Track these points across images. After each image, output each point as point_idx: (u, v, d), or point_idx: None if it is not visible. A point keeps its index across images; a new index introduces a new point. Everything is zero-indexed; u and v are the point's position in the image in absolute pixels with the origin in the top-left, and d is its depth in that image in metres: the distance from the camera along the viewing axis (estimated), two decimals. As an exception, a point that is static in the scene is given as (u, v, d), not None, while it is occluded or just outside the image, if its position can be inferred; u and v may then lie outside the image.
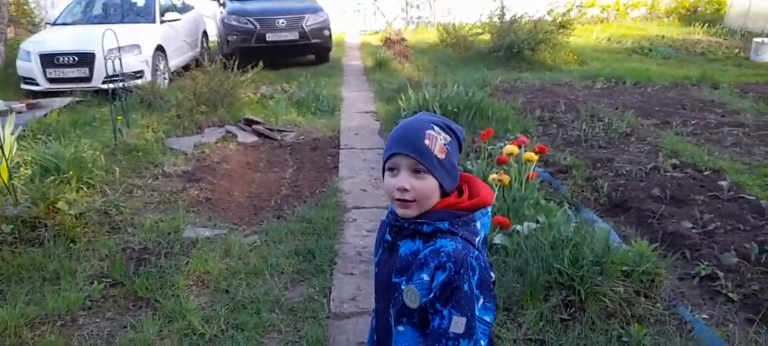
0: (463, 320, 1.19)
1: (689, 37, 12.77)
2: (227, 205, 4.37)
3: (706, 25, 14.07)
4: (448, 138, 1.27)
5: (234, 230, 3.92)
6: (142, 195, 4.45)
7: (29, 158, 4.57)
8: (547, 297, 2.79)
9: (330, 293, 3.13)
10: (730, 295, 2.87)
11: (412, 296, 1.26)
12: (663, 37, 12.99)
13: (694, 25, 14.30)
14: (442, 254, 1.21)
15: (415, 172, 1.25)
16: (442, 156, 1.25)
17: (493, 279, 1.28)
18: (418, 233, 1.28)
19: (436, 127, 1.26)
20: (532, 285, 2.81)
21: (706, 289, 3.00)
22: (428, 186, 1.25)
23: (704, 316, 2.77)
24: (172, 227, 3.84)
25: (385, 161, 1.31)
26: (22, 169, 4.55)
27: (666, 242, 3.38)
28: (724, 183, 4.25)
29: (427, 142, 1.24)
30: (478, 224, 1.27)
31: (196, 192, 4.54)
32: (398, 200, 1.27)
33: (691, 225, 3.61)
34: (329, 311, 2.97)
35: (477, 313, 1.21)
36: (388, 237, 1.36)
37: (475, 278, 1.21)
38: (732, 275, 3.02)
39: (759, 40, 10.15)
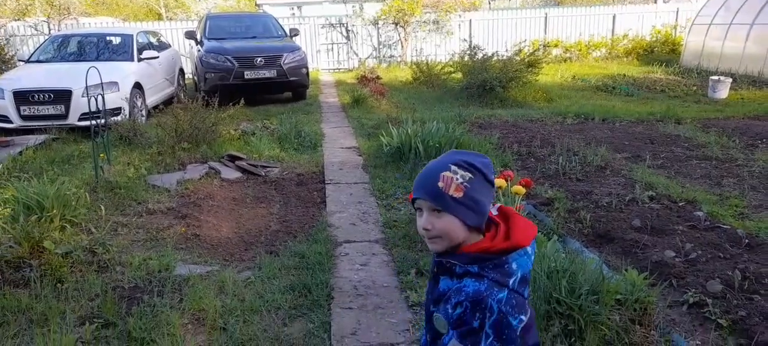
0: None
1: (649, 76, 13.40)
2: (217, 241, 4.33)
3: (664, 64, 14.82)
4: (469, 175, 1.34)
5: (226, 266, 3.88)
6: (129, 233, 4.37)
7: (8, 196, 4.45)
8: (548, 327, 2.85)
9: (330, 328, 3.12)
10: (720, 321, 2.99)
11: (440, 322, 1.39)
12: (624, 75, 13.60)
13: (652, 65, 15.04)
14: (463, 293, 1.32)
15: (435, 211, 1.35)
16: (458, 195, 1.32)
17: (522, 321, 1.31)
18: (452, 272, 1.37)
19: (453, 167, 1.34)
20: (532, 315, 2.87)
21: (696, 315, 3.12)
22: (448, 224, 1.34)
23: (697, 342, 2.87)
24: (163, 265, 3.78)
25: (413, 203, 1.42)
26: (0, 208, 4.42)
27: (653, 272, 3.51)
28: (700, 213, 4.46)
29: (440, 184, 1.33)
30: (514, 265, 1.32)
31: (183, 229, 4.48)
32: (426, 238, 1.39)
33: (674, 254, 3.76)
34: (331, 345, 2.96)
35: (514, 322, 1.29)
36: (434, 269, 1.46)
37: (492, 319, 1.28)
38: (719, 302, 3.15)
39: (715, 78, 10.73)
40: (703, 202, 4.81)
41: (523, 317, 1.31)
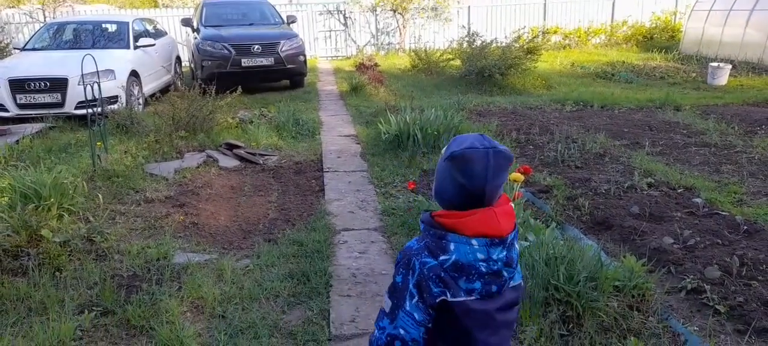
0: (390, 303, 1.43)
1: (648, 63, 13.35)
2: (215, 229, 4.32)
3: (663, 51, 14.76)
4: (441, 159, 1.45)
5: (224, 254, 3.88)
6: (126, 221, 4.36)
7: (6, 185, 4.43)
8: (546, 313, 2.86)
9: (329, 315, 3.13)
10: (717, 307, 3.00)
11: None
12: (623, 62, 13.54)
13: (651, 51, 14.98)
14: (403, 246, 1.48)
15: None
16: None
17: (443, 294, 1.37)
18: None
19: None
20: (530, 302, 2.87)
21: (694, 302, 3.12)
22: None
23: (695, 328, 2.88)
24: (161, 253, 3.78)
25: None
26: (-3, 196, 4.40)
27: (651, 258, 3.51)
28: (698, 200, 4.46)
29: None
30: (451, 246, 1.38)
31: (181, 217, 4.47)
32: None
33: (672, 241, 3.76)
34: (330, 333, 2.96)
35: (406, 306, 1.40)
36: None
37: (413, 277, 1.39)
38: (717, 288, 3.16)
39: (715, 64, 10.69)
40: (702, 188, 4.81)
41: (446, 293, 1.38)
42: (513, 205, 3.46)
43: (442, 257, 1.38)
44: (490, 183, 1.37)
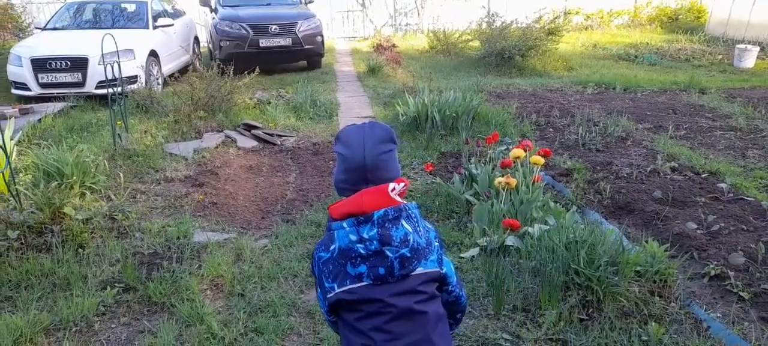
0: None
1: (673, 44, 13.04)
2: (234, 209, 4.35)
3: (688, 32, 14.40)
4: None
5: (243, 234, 3.91)
6: (147, 200, 4.41)
7: (29, 163, 4.50)
8: (565, 297, 2.83)
9: (346, 296, 3.13)
10: (741, 294, 2.94)
11: None
12: (647, 44, 13.26)
13: (676, 33, 14.63)
14: None
15: None
16: None
17: (333, 289, 1.48)
18: None
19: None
20: (550, 286, 2.85)
21: (717, 288, 3.07)
22: None
23: (718, 315, 2.83)
24: (181, 232, 3.81)
25: None
26: (21, 174, 4.48)
27: (674, 244, 3.45)
28: (723, 185, 4.36)
29: None
30: (334, 235, 1.46)
31: (200, 197, 4.50)
32: None
33: (696, 226, 3.69)
34: (348, 313, 2.97)
35: (319, 293, 1.56)
36: None
37: (316, 269, 1.52)
38: (741, 275, 3.10)
39: (742, 46, 10.41)
40: (727, 173, 4.71)
41: (334, 286, 1.46)
42: (536, 186, 3.38)
43: (331, 247, 1.46)
44: (368, 153, 1.45)
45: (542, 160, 3.80)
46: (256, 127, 6.24)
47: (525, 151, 3.87)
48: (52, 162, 4.23)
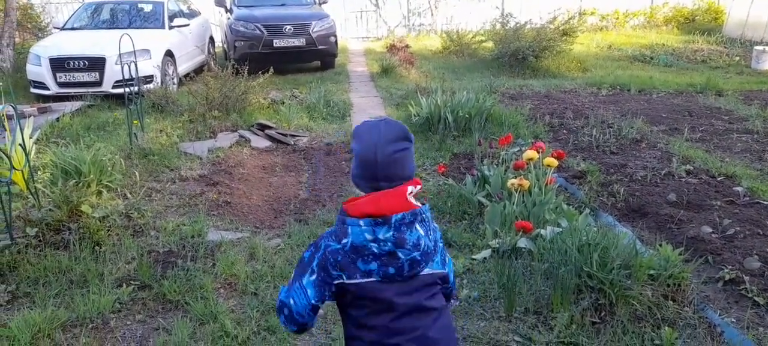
0: (293, 274, 1.56)
1: (689, 46, 12.90)
2: (247, 208, 4.39)
3: (705, 33, 14.22)
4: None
5: (256, 233, 3.94)
6: (162, 199, 4.47)
7: (47, 161, 4.58)
8: (578, 300, 2.83)
9: (358, 296, 3.15)
10: (756, 299, 2.91)
11: None
12: (663, 45, 13.12)
13: (693, 34, 14.45)
14: None
15: None
16: None
17: (340, 277, 1.48)
18: None
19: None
20: (562, 288, 2.84)
21: (731, 293, 3.04)
22: None
23: (732, 319, 2.81)
24: (195, 230, 3.86)
25: None
26: (40, 172, 4.57)
27: (688, 247, 3.43)
28: (739, 189, 4.32)
29: None
30: (348, 229, 1.47)
31: (214, 196, 4.55)
32: None
33: (710, 230, 3.66)
34: (359, 313, 2.99)
35: (303, 280, 1.52)
36: None
37: (318, 256, 1.51)
38: (756, 280, 3.06)
39: (760, 48, 10.27)
40: (743, 177, 4.65)
41: (342, 276, 1.48)
42: (549, 188, 3.36)
43: (343, 241, 1.47)
44: (380, 152, 1.47)
45: (555, 162, 3.80)
46: (269, 127, 6.29)
47: (538, 152, 3.86)
48: (69, 160, 4.30)
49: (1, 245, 3.42)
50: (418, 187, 1.54)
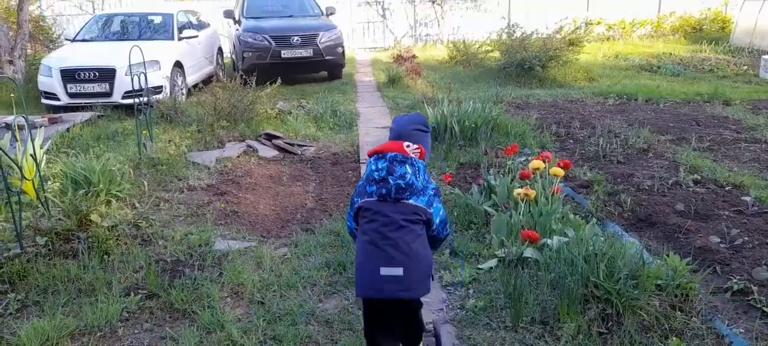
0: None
1: (696, 55, 12.86)
2: (254, 218, 4.42)
3: (713, 42, 14.18)
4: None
5: (263, 242, 3.96)
6: (170, 208, 4.50)
7: (58, 171, 4.63)
8: (584, 310, 2.82)
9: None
10: (765, 309, 2.89)
11: None
12: (670, 54, 13.10)
13: (700, 43, 14.42)
14: None
15: None
16: None
17: (355, 202, 2.26)
18: None
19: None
20: (569, 298, 2.83)
21: (740, 303, 3.02)
22: None
23: (740, 330, 2.79)
24: (203, 240, 3.89)
25: None
26: (50, 182, 4.62)
27: (696, 257, 3.41)
28: (747, 198, 4.29)
29: None
30: (366, 167, 2.25)
31: (222, 205, 4.58)
32: None
33: (718, 240, 3.64)
34: (366, 323, 2.99)
35: (350, 211, 2.34)
36: None
37: (356, 191, 2.30)
38: (765, 290, 3.04)
39: (768, 57, 10.23)
40: (751, 186, 4.62)
41: (356, 199, 2.25)
42: (555, 198, 3.43)
43: (363, 176, 2.25)
44: (404, 127, 2.31)
45: (562, 172, 3.79)
46: (277, 137, 6.33)
47: (544, 162, 3.86)
48: (79, 170, 4.35)
49: (12, 254, 3.46)
50: (417, 147, 2.21)
